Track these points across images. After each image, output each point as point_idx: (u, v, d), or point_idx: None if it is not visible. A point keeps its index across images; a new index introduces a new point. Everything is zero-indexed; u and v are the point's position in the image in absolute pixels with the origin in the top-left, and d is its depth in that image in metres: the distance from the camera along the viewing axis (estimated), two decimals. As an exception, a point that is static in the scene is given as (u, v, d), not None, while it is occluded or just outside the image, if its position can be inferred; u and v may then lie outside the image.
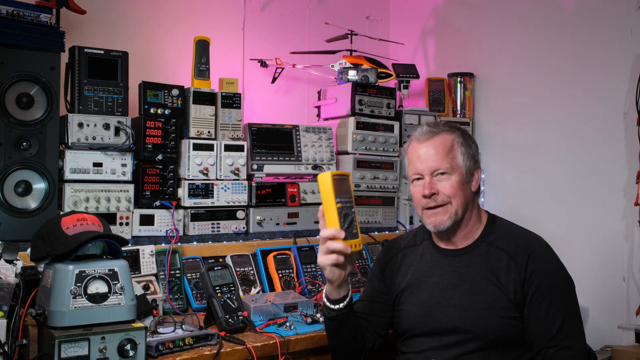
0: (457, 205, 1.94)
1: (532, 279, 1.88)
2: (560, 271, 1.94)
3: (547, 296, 1.87)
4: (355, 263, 3.05)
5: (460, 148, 1.96)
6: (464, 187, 1.95)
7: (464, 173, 1.95)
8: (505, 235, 1.98)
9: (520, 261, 1.90)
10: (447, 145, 1.96)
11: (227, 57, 3.62)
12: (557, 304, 1.87)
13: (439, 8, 4.15)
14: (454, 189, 1.94)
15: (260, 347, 2.12)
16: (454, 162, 1.95)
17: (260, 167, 3.07)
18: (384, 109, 3.52)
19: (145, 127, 2.74)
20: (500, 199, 3.68)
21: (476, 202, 2.04)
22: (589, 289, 3.24)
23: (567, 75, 3.38)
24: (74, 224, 1.96)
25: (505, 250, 1.93)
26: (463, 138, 1.99)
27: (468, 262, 1.96)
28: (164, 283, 2.54)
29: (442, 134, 1.97)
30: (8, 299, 1.87)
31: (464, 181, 1.95)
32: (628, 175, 3.10)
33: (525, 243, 1.95)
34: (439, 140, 1.96)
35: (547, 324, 1.85)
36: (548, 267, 1.92)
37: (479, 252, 1.96)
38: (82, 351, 1.75)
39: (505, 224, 2.04)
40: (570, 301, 1.91)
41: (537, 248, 1.95)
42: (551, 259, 1.95)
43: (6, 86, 2.40)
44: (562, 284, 1.92)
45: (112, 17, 3.25)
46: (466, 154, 1.97)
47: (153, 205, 2.75)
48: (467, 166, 1.96)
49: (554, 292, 1.88)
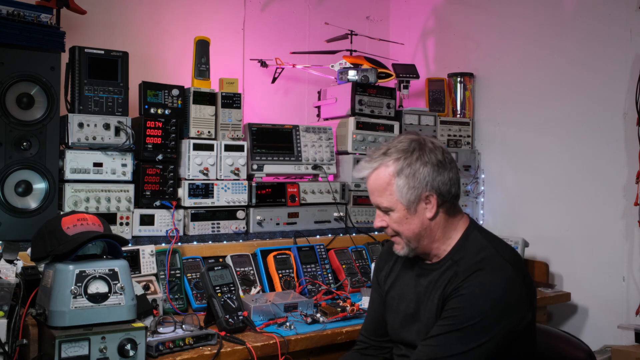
0: (406, 237, 1.85)
1: (453, 300, 1.74)
2: (484, 299, 1.71)
3: (451, 319, 1.72)
4: (355, 262, 3.06)
5: (398, 181, 1.80)
6: (410, 220, 1.82)
7: (404, 208, 1.81)
8: (468, 253, 1.82)
9: (459, 279, 1.76)
10: (382, 182, 1.82)
11: (227, 57, 3.62)
12: (453, 321, 1.70)
13: (439, 8, 4.15)
14: (398, 224, 1.84)
15: (260, 347, 2.12)
16: (392, 198, 1.81)
17: (260, 167, 3.07)
18: (384, 109, 3.52)
19: (145, 127, 2.74)
20: (500, 199, 3.68)
21: (439, 225, 1.85)
22: (588, 289, 3.25)
23: (567, 75, 3.38)
24: (74, 224, 1.97)
25: (459, 268, 1.79)
26: (406, 165, 1.80)
27: (433, 279, 1.86)
28: (164, 283, 2.54)
29: (377, 170, 1.84)
30: (8, 299, 1.88)
31: (406, 215, 1.82)
32: (628, 175, 3.10)
33: (476, 265, 1.77)
34: (374, 177, 1.84)
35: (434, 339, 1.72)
36: (474, 289, 1.72)
37: (444, 269, 1.85)
38: (82, 351, 1.76)
39: (476, 240, 1.85)
40: (470, 331, 1.69)
41: (481, 271, 1.74)
42: (485, 285, 1.72)
43: (6, 86, 2.40)
44: (475, 312, 1.69)
45: (112, 17, 3.25)
46: (406, 186, 1.79)
47: (153, 205, 2.76)
48: (408, 200, 1.80)
49: (461, 311, 1.71)
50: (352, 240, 3.20)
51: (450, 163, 1.84)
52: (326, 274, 2.95)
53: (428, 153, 1.81)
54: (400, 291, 1.97)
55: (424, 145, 1.83)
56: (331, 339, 2.31)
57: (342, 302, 2.60)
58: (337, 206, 3.25)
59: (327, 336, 2.30)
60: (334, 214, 3.24)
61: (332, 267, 3.01)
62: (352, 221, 3.32)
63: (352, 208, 3.34)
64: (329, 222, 3.24)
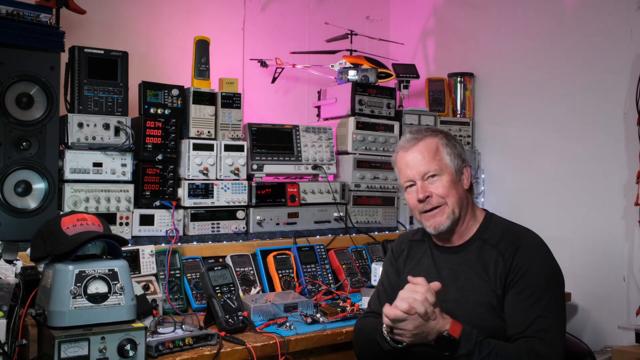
0: (452, 204, 1.98)
1: (516, 270, 1.88)
2: (546, 266, 1.91)
3: (529, 287, 1.85)
4: (355, 262, 3.06)
5: (446, 149, 2.01)
6: (456, 186, 2.00)
7: (453, 172, 1.99)
8: (498, 233, 1.99)
9: (507, 256, 1.91)
10: (433, 148, 2.00)
11: (227, 57, 3.62)
12: (537, 296, 1.84)
13: (439, 8, 4.15)
14: (446, 189, 1.98)
15: (260, 347, 2.12)
16: (442, 163, 1.99)
17: (260, 167, 3.07)
18: (384, 109, 3.52)
19: (145, 127, 2.74)
20: (500, 199, 3.68)
21: (470, 200, 2.05)
22: (589, 289, 3.25)
23: (567, 75, 3.38)
24: (74, 224, 1.96)
25: (496, 247, 1.95)
26: (447, 139, 2.04)
27: (463, 259, 1.99)
28: (164, 283, 2.54)
29: (425, 139, 2.02)
30: (8, 299, 1.87)
31: (454, 180, 1.99)
32: (628, 175, 3.10)
33: (514, 239, 1.95)
34: (424, 145, 2.01)
35: (524, 314, 1.83)
36: (533, 260, 1.89)
37: (473, 249, 1.99)
38: (82, 351, 1.75)
39: (500, 222, 2.05)
40: (552, 297, 1.86)
41: (525, 243, 1.94)
42: (538, 253, 1.92)
43: (6, 86, 2.40)
44: (546, 279, 1.88)
45: (112, 17, 3.25)
46: (452, 154, 2.01)
47: (153, 205, 2.75)
48: (456, 165, 2.00)
49: (535, 284, 1.86)
50: (352, 240, 3.20)
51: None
52: (326, 274, 2.94)
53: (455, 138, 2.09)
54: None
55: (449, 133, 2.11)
56: (331, 339, 2.31)
57: (342, 302, 2.60)
58: (337, 206, 3.25)
59: (327, 336, 2.30)
60: (334, 214, 3.24)
61: (332, 267, 3.01)
62: (352, 221, 3.31)
63: (352, 208, 3.34)
64: (329, 222, 3.23)
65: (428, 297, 1.77)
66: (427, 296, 1.76)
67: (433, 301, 1.77)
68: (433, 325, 1.78)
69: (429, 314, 1.76)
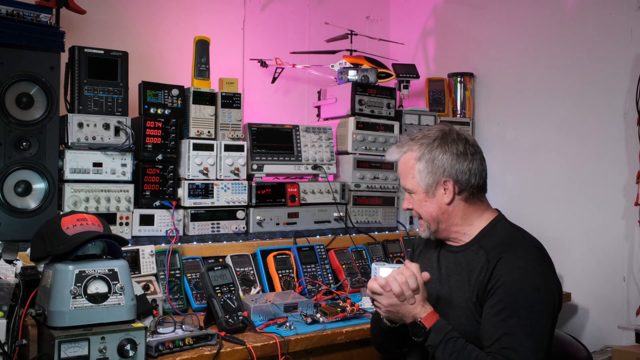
0: (426, 220, 2.01)
1: (493, 282, 1.83)
2: (526, 282, 1.81)
3: (501, 302, 1.80)
4: (355, 262, 3.05)
5: (419, 166, 1.96)
6: (428, 203, 1.98)
7: (423, 191, 1.97)
8: (496, 239, 1.94)
9: (491, 265, 1.87)
10: (407, 166, 2.01)
11: (227, 57, 3.62)
12: (508, 312, 1.77)
13: (439, 8, 4.15)
14: (418, 206, 2.01)
15: (260, 347, 2.12)
16: (414, 181, 1.99)
17: (260, 167, 3.07)
18: (384, 109, 3.52)
19: (145, 127, 2.74)
20: (500, 199, 3.67)
21: (458, 211, 1.97)
22: (589, 289, 3.25)
23: (567, 75, 3.38)
24: (74, 224, 1.96)
25: (487, 254, 1.91)
26: (427, 151, 1.96)
27: (458, 260, 2.00)
28: (164, 283, 2.54)
29: (405, 154, 2.02)
30: (8, 299, 1.87)
31: (425, 198, 1.98)
32: (628, 175, 3.10)
33: (504, 249, 1.88)
34: (402, 161, 2.03)
35: (492, 328, 1.79)
36: (511, 274, 1.81)
37: (469, 252, 1.97)
38: (82, 351, 1.75)
39: (504, 227, 1.98)
40: (528, 314, 1.77)
41: (509, 255, 1.86)
42: (518, 268, 1.83)
43: (6, 86, 2.40)
44: (524, 296, 1.79)
45: (112, 17, 3.25)
46: (425, 171, 1.95)
47: (153, 205, 2.75)
48: (427, 184, 1.95)
49: (509, 299, 1.79)
50: (352, 240, 3.20)
51: (473, 155, 1.97)
52: (326, 274, 2.94)
53: (450, 143, 1.96)
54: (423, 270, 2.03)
55: (447, 135, 1.98)
56: (331, 339, 2.31)
57: (342, 302, 2.59)
58: (337, 206, 3.25)
59: (327, 336, 2.30)
60: (334, 214, 3.24)
61: (332, 267, 3.01)
62: (352, 221, 3.31)
63: (352, 208, 3.34)
64: (329, 222, 3.23)
65: (410, 281, 1.83)
66: (409, 280, 1.83)
67: (414, 287, 1.84)
68: (409, 310, 1.85)
69: (405, 296, 1.83)
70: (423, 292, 1.86)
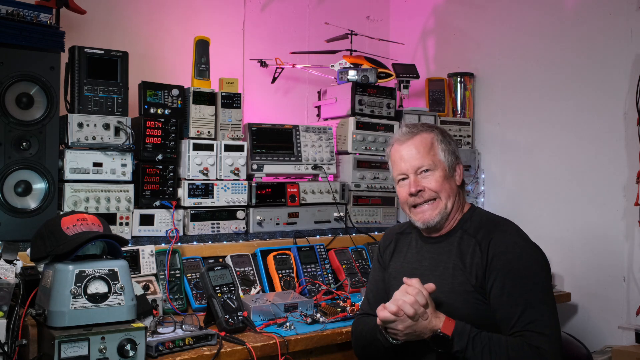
0: (445, 198, 2.02)
1: (493, 263, 1.89)
2: (524, 255, 1.90)
3: (509, 280, 1.86)
4: (355, 262, 3.05)
5: (440, 145, 2.04)
6: (449, 181, 2.04)
7: (446, 168, 2.03)
8: (478, 223, 2.02)
9: (484, 246, 1.93)
10: (428, 143, 2.04)
11: (227, 57, 3.62)
12: (519, 289, 1.84)
13: (439, 8, 4.15)
14: (439, 184, 2.02)
15: (260, 347, 2.12)
16: (436, 158, 2.03)
17: (260, 167, 3.07)
18: (384, 109, 3.52)
19: (145, 127, 2.74)
20: (500, 199, 3.68)
21: (462, 195, 2.10)
22: (589, 289, 3.25)
23: (567, 75, 3.38)
24: (74, 224, 1.96)
25: (474, 236, 1.97)
26: (442, 136, 2.07)
27: (443, 249, 2.02)
28: (164, 283, 2.54)
29: (421, 134, 2.06)
30: (8, 299, 1.87)
31: (447, 176, 2.03)
32: (628, 175, 3.10)
33: (490, 228, 1.97)
34: (419, 140, 2.05)
35: (510, 308, 1.84)
36: (509, 252, 1.89)
37: (453, 239, 2.02)
38: (82, 351, 1.75)
39: (482, 213, 2.09)
40: (534, 286, 1.85)
41: (500, 233, 1.95)
42: (514, 244, 1.92)
43: (6, 86, 2.40)
44: (525, 268, 1.87)
45: (112, 17, 3.25)
46: (446, 150, 2.05)
47: (153, 205, 2.75)
48: (449, 161, 2.04)
49: (514, 276, 1.85)
50: (352, 240, 3.20)
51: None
52: (326, 274, 2.94)
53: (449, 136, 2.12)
54: (404, 271, 2.08)
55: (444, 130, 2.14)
56: (331, 339, 2.31)
57: (342, 302, 2.60)
58: (337, 206, 3.25)
59: (327, 336, 2.30)
60: (334, 214, 3.24)
61: (332, 267, 3.01)
62: (352, 221, 3.31)
63: (352, 208, 3.34)
64: (329, 222, 3.23)
65: (419, 299, 1.81)
66: (418, 298, 1.81)
67: (424, 302, 1.82)
68: (425, 325, 1.83)
69: (418, 315, 1.81)
70: (431, 303, 1.86)
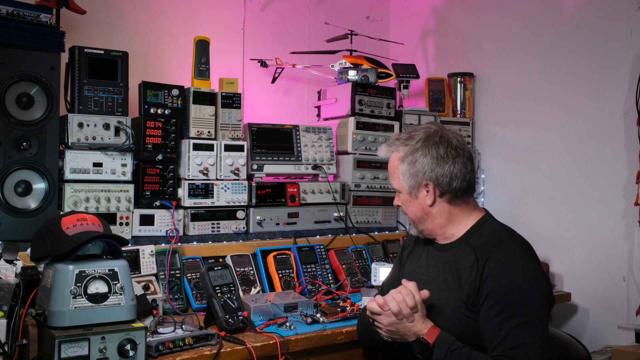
0: (411, 218, 2.07)
1: (486, 283, 1.83)
2: (517, 280, 1.81)
3: (497, 303, 1.80)
4: (355, 262, 3.06)
5: (402, 167, 1.99)
6: (412, 204, 2.03)
7: (407, 192, 2.02)
8: (484, 237, 1.94)
9: (480, 264, 1.87)
10: (393, 166, 2.05)
11: (227, 57, 3.62)
12: (506, 313, 1.78)
13: (439, 8, 4.15)
14: (404, 206, 2.06)
15: (260, 347, 2.12)
16: (398, 182, 2.03)
17: (260, 167, 3.07)
18: (384, 109, 3.52)
19: (145, 127, 2.74)
20: (500, 199, 3.68)
21: (441, 212, 1.99)
22: (589, 289, 3.25)
23: (567, 75, 3.38)
24: (74, 224, 1.96)
25: (475, 252, 1.91)
26: (409, 154, 1.98)
27: (447, 259, 2.00)
28: (164, 283, 2.54)
29: (392, 154, 2.05)
30: (8, 299, 1.87)
31: (409, 199, 2.03)
32: (628, 175, 3.10)
33: (491, 248, 1.88)
34: (390, 161, 2.07)
35: (494, 331, 1.79)
36: (503, 274, 1.82)
37: (456, 250, 1.98)
38: (82, 351, 1.75)
39: (491, 226, 1.99)
40: (522, 312, 1.77)
41: (500, 253, 1.86)
42: (510, 266, 1.84)
43: (6, 86, 2.40)
44: (515, 294, 1.79)
45: (112, 17, 3.25)
46: (406, 173, 1.98)
47: (153, 205, 2.75)
48: (409, 185, 2.00)
49: (504, 300, 1.79)
50: (352, 240, 3.20)
51: (455, 158, 1.96)
52: (326, 274, 2.94)
53: (431, 146, 1.96)
54: (414, 273, 2.10)
55: (431, 137, 1.98)
56: (331, 339, 2.31)
57: (342, 302, 2.60)
58: (337, 206, 3.25)
59: (327, 336, 2.30)
60: (334, 214, 3.24)
61: (332, 267, 3.01)
62: (352, 221, 3.31)
63: (352, 208, 3.34)
64: (329, 222, 3.24)
65: (408, 299, 1.86)
66: (407, 299, 1.86)
67: (412, 305, 1.86)
68: (409, 327, 1.87)
69: (403, 315, 1.85)
70: (422, 309, 1.88)
